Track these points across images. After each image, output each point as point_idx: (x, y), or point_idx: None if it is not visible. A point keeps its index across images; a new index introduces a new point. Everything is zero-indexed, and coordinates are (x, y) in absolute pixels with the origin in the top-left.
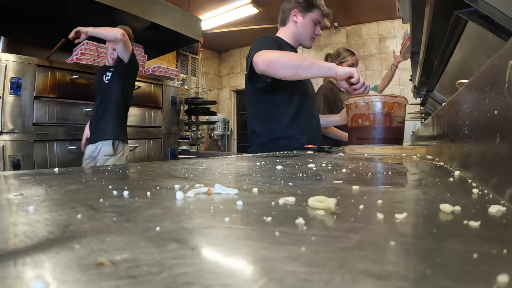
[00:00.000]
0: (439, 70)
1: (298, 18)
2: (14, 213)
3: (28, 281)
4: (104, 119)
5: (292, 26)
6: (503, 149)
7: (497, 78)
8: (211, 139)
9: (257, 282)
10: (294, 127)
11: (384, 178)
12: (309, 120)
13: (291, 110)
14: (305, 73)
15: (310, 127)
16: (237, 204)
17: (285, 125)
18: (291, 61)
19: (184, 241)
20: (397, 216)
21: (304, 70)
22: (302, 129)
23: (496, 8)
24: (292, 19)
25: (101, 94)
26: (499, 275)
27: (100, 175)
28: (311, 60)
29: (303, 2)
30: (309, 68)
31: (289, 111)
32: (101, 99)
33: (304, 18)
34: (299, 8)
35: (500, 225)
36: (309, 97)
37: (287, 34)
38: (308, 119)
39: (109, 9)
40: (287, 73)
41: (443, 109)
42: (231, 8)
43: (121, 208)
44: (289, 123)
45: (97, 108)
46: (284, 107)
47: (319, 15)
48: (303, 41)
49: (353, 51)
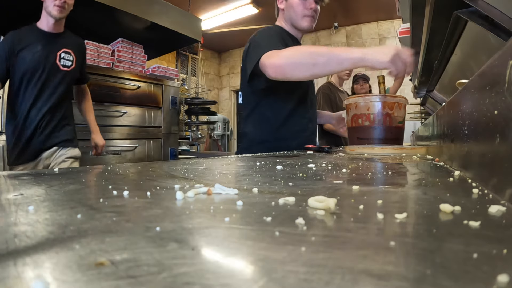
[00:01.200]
0: (439, 70)
1: (283, 2)
2: (14, 213)
3: (28, 281)
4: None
5: (282, 13)
6: (503, 149)
7: (497, 78)
8: (211, 139)
9: (257, 282)
10: (286, 130)
11: (384, 178)
12: (302, 124)
13: (284, 112)
14: (324, 70)
15: (303, 130)
16: (237, 204)
17: (276, 128)
18: (304, 59)
19: (184, 241)
20: (397, 216)
21: (322, 68)
22: (296, 132)
23: (496, 8)
24: (280, 7)
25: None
26: (499, 275)
27: (100, 175)
28: (329, 53)
29: None
30: (327, 65)
31: (282, 113)
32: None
33: (287, 0)
34: None
35: (500, 225)
36: (306, 99)
37: (282, 23)
38: (301, 123)
39: (109, 9)
40: (303, 75)
41: (443, 109)
42: (231, 8)
43: (121, 208)
44: (281, 126)
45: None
46: (279, 109)
47: None
48: (296, 22)
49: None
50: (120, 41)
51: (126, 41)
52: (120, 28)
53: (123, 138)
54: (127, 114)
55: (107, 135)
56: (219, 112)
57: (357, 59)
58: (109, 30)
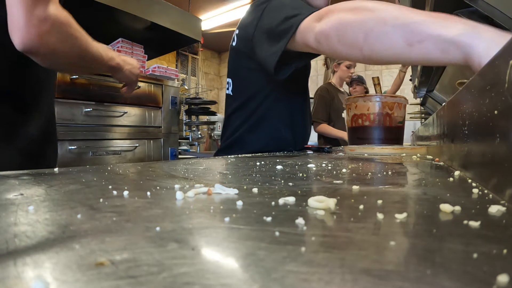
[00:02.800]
0: (439, 70)
1: None
2: (14, 213)
3: (28, 281)
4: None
5: None
6: (503, 149)
7: (497, 78)
8: (211, 139)
9: (257, 282)
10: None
11: (384, 178)
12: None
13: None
14: (418, 59)
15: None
16: (237, 204)
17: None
18: (394, 36)
19: (184, 241)
20: (397, 216)
21: (417, 55)
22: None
23: (496, 8)
24: None
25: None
26: (499, 275)
27: (100, 175)
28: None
29: None
30: (423, 51)
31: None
32: None
33: None
34: None
35: (500, 225)
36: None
37: None
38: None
39: (109, 9)
40: (387, 59)
41: (443, 109)
42: (231, 8)
43: (121, 208)
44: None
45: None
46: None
47: None
48: None
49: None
50: (120, 41)
51: (126, 41)
52: (120, 28)
53: (123, 138)
54: (127, 114)
55: (107, 135)
56: (219, 112)
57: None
58: (109, 30)
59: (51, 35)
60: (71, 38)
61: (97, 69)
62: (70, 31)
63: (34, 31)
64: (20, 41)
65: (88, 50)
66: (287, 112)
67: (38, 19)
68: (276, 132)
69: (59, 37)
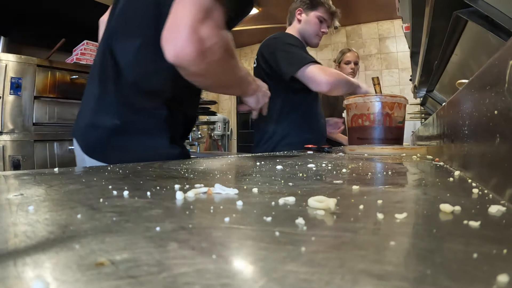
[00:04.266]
0: (439, 70)
1: (302, 16)
2: (14, 213)
3: (28, 281)
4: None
5: (297, 24)
6: (503, 149)
7: (497, 78)
8: (211, 139)
9: (257, 282)
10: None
11: (384, 178)
12: (318, 120)
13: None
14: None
15: (319, 127)
16: (237, 204)
17: (298, 124)
18: (345, 85)
19: (184, 241)
20: (397, 216)
21: (347, 90)
22: (311, 129)
23: (496, 8)
24: (297, 18)
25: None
26: (499, 275)
27: (100, 175)
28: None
29: (307, 0)
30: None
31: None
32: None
33: (307, 16)
34: (303, 6)
35: (500, 225)
36: (317, 97)
37: (293, 32)
38: (318, 119)
39: None
40: (340, 93)
41: (443, 109)
42: None
43: (121, 208)
44: (302, 122)
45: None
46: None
47: (324, 12)
48: (308, 38)
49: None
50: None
51: None
52: None
53: None
54: None
55: None
56: (219, 112)
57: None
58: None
59: (207, 57)
60: (224, 62)
61: (237, 92)
62: (225, 56)
63: (192, 49)
64: (173, 54)
65: (237, 75)
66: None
67: (200, 37)
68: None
69: (213, 59)
